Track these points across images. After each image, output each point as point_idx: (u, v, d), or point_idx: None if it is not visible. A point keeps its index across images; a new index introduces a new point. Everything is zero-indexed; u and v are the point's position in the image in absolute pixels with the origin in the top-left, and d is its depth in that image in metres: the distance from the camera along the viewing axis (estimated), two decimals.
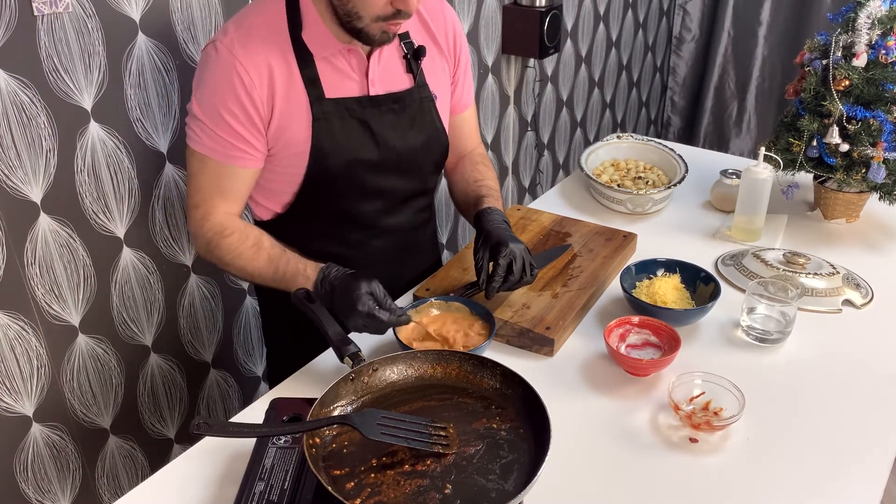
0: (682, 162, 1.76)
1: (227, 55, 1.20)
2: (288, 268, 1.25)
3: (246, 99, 1.21)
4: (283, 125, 1.25)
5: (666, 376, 1.20)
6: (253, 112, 1.22)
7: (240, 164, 1.26)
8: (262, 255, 1.27)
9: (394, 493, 0.91)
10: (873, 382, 1.22)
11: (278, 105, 1.24)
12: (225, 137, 1.23)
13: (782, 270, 1.44)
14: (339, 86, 1.28)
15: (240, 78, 1.20)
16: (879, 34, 1.51)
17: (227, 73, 1.20)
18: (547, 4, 2.54)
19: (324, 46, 1.25)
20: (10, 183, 1.37)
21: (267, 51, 1.22)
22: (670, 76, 3.98)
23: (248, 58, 1.21)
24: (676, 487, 1.03)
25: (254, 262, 1.27)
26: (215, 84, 1.22)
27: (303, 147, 1.27)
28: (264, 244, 1.28)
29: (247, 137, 1.24)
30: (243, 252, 1.27)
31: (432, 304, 1.30)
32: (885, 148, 1.49)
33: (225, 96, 1.21)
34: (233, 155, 1.25)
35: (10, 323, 1.44)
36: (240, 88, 1.21)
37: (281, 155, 1.28)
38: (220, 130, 1.23)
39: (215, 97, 1.22)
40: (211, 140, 1.24)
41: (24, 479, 1.53)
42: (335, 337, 1.12)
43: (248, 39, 1.22)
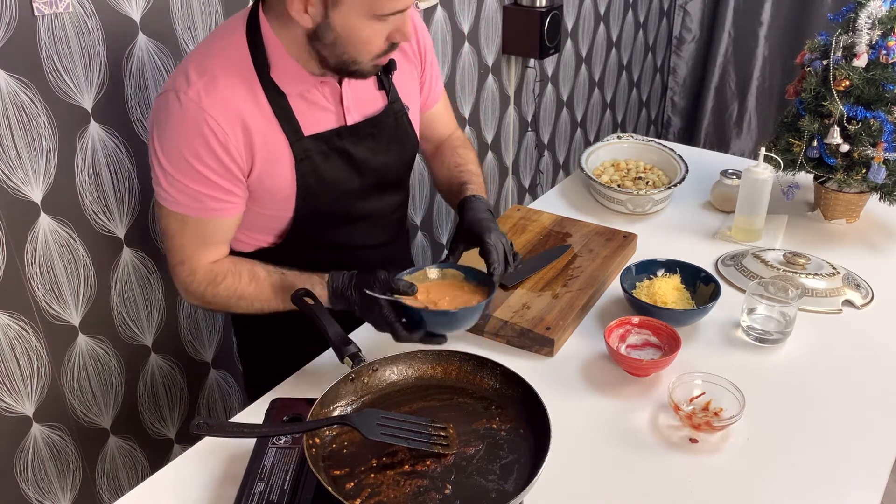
0: (682, 162, 1.76)
1: (195, 108, 1.11)
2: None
3: (221, 151, 1.13)
4: (266, 172, 1.19)
5: (666, 376, 1.20)
6: (230, 163, 1.15)
7: (222, 216, 1.20)
8: (263, 287, 1.22)
9: (394, 494, 0.91)
10: (873, 382, 1.22)
11: (258, 153, 1.17)
12: (203, 191, 1.16)
13: (782, 271, 1.44)
14: (315, 121, 1.22)
15: (212, 131, 1.11)
16: (880, 34, 1.51)
17: (197, 128, 1.11)
18: (547, 4, 2.54)
19: (296, 83, 1.18)
20: (10, 183, 1.37)
21: (236, 96, 1.13)
22: (671, 76, 3.98)
23: (218, 108, 1.12)
24: (676, 487, 1.03)
25: (260, 296, 1.23)
26: (185, 139, 1.12)
27: (289, 190, 1.22)
28: (260, 276, 1.23)
29: (226, 187, 1.17)
30: (244, 291, 1.22)
31: (434, 271, 1.24)
32: (886, 148, 1.49)
33: (198, 150, 1.12)
34: (213, 207, 1.18)
35: (10, 323, 1.44)
36: (213, 142, 1.12)
37: (265, 200, 1.23)
38: (197, 185, 1.15)
39: (186, 152, 1.13)
40: (187, 197, 1.16)
41: (24, 479, 1.53)
42: (335, 337, 1.12)
43: (214, 86, 1.12)
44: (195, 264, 1.23)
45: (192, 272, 1.23)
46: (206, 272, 1.23)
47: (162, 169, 1.16)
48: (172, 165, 1.14)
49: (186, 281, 1.24)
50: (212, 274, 1.23)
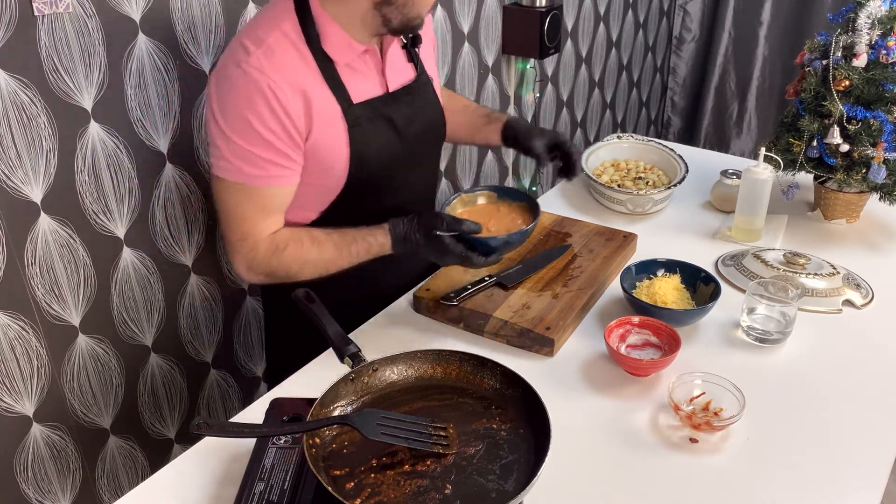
0: (682, 162, 1.76)
1: (257, 74, 1.16)
2: (360, 245, 1.26)
3: (283, 115, 1.18)
4: (321, 139, 1.24)
5: (666, 376, 1.20)
6: (291, 128, 1.20)
7: (282, 183, 1.24)
8: (326, 247, 1.27)
9: (394, 494, 0.91)
10: (873, 382, 1.22)
11: (315, 119, 1.22)
12: (265, 157, 1.20)
13: (782, 271, 1.44)
14: (362, 88, 1.28)
15: (274, 95, 1.17)
16: (879, 34, 1.51)
17: (260, 92, 1.17)
18: (547, 4, 2.54)
19: (345, 53, 1.25)
20: (10, 183, 1.37)
21: (293, 64, 1.20)
22: (670, 76, 3.98)
23: (279, 74, 1.17)
24: (676, 487, 1.03)
25: (324, 256, 1.27)
26: (250, 104, 1.17)
27: (342, 156, 1.26)
28: (320, 238, 1.28)
29: (286, 153, 1.21)
30: (307, 254, 1.26)
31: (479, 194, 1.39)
32: (886, 148, 1.49)
33: (262, 114, 1.17)
34: (274, 174, 1.22)
35: (10, 323, 1.44)
36: (276, 105, 1.17)
37: (318, 168, 1.27)
38: (260, 150, 1.19)
39: (251, 116, 1.17)
40: (250, 165, 1.20)
41: (24, 479, 1.53)
42: (335, 337, 1.12)
43: (273, 56, 1.18)
44: (257, 236, 1.26)
45: (254, 245, 1.26)
46: (268, 243, 1.26)
47: (226, 139, 1.20)
48: (237, 133, 1.19)
49: (249, 256, 1.27)
50: (273, 244, 1.26)
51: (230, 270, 1.86)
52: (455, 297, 1.34)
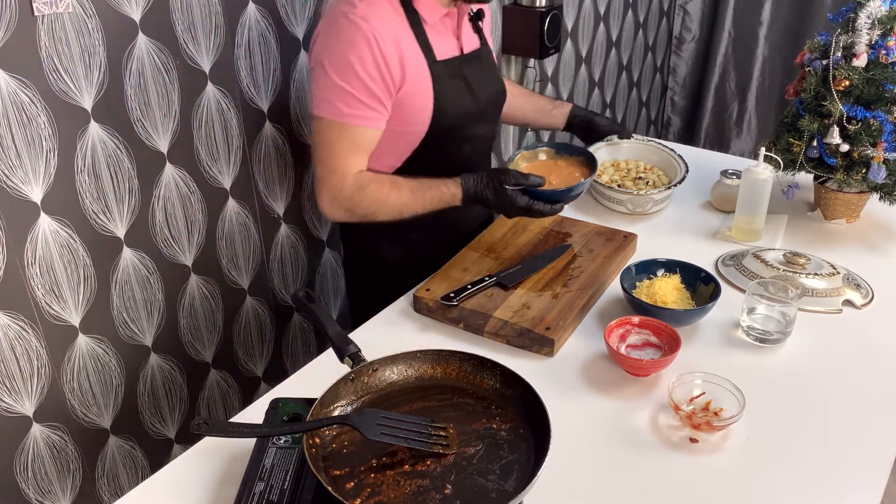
0: (682, 162, 1.76)
1: (363, 24, 1.32)
2: (433, 193, 1.42)
3: (382, 63, 1.33)
4: (410, 89, 1.39)
5: (666, 376, 1.20)
6: (387, 75, 1.34)
7: (371, 126, 1.39)
8: (403, 191, 1.42)
9: (394, 494, 0.91)
10: (873, 382, 1.22)
11: (408, 70, 1.37)
12: (362, 100, 1.35)
13: (782, 271, 1.44)
14: (443, 48, 1.45)
15: (377, 44, 1.32)
16: (879, 34, 1.51)
17: (365, 40, 1.32)
18: (547, 4, 2.54)
19: (432, 13, 1.41)
20: (10, 183, 1.37)
21: (392, 20, 1.36)
22: (670, 76, 3.98)
23: (381, 26, 1.33)
24: (676, 487, 1.03)
25: (400, 199, 1.42)
26: (355, 50, 1.32)
27: (427, 107, 1.42)
28: (399, 182, 1.43)
29: (380, 98, 1.36)
30: (387, 195, 1.41)
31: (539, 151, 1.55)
32: (886, 148, 1.49)
33: (364, 60, 1.32)
34: (368, 116, 1.37)
35: (10, 323, 1.44)
36: (377, 53, 1.32)
37: (406, 116, 1.41)
38: (359, 93, 1.34)
39: (354, 61, 1.32)
40: (348, 106, 1.35)
41: (24, 479, 1.53)
42: (335, 337, 1.11)
43: (375, 10, 1.34)
44: (346, 171, 1.41)
45: (341, 179, 1.41)
46: (354, 180, 1.41)
47: (328, 80, 1.35)
48: (338, 75, 1.34)
49: (336, 189, 1.41)
50: (358, 181, 1.41)
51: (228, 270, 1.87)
52: (455, 297, 1.34)
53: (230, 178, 1.78)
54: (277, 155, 1.88)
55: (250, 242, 1.90)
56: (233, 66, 1.70)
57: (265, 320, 2.01)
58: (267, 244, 1.95)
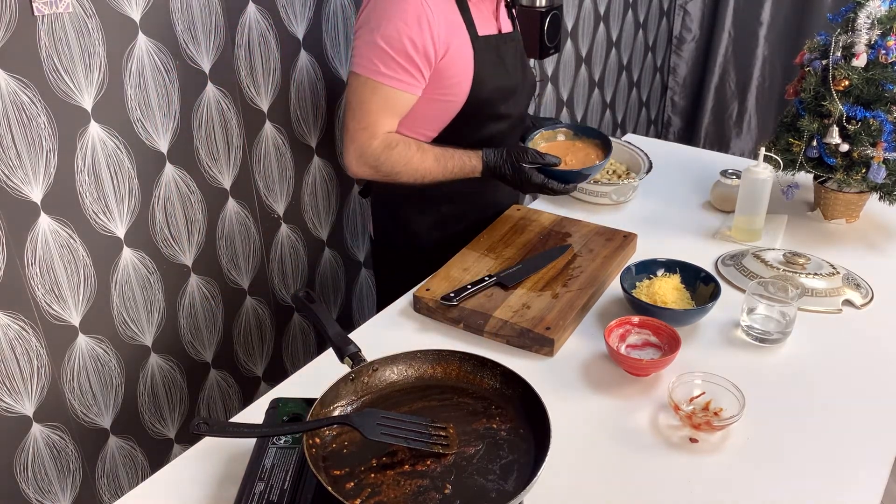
0: (642, 154, 1.81)
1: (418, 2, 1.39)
2: (455, 162, 1.49)
3: (428, 36, 1.40)
4: (452, 59, 1.45)
5: (666, 376, 1.20)
6: (431, 48, 1.41)
7: (406, 90, 1.44)
8: (428, 156, 1.49)
9: (394, 493, 0.91)
10: (873, 382, 1.22)
11: (452, 41, 1.44)
12: (402, 66, 1.41)
13: (782, 270, 1.44)
14: (484, 25, 1.53)
15: (427, 18, 1.39)
16: (879, 34, 1.51)
17: (416, 13, 1.39)
18: (547, 4, 2.54)
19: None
20: (10, 183, 1.37)
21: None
22: (670, 76, 3.98)
23: (432, 3, 1.41)
24: (676, 487, 1.03)
25: (424, 163, 1.48)
26: (403, 17, 1.39)
27: (466, 76, 1.48)
28: (425, 147, 1.50)
29: (420, 66, 1.42)
30: (412, 157, 1.47)
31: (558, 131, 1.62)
32: (885, 148, 1.49)
33: (412, 32, 1.39)
34: (404, 81, 1.43)
35: (10, 323, 1.44)
36: (425, 27, 1.40)
37: (448, 85, 1.47)
38: (401, 59, 1.40)
39: (401, 28, 1.39)
40: (388, 69, 1.41)
41: (24, 479, 1.53)
42: (335, 337, 1.11)
43: None
44: (376, 129, 1.46)
45: (372, 136, 1.46)
46: (383, 138, 1.47)
47: (372, 40, 1.41)
48: (383, 39, 1.40)
49: (364, 145, 1.47)
50: (387, 140, 1.47)
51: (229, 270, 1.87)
52: (455, 297, 1.34)
53: (230, 178, 1.78)
54: (277, 155, 1.88)
55: (250, 242, 1.90)
56: (233, 66, 1.70)
57: (265, 320, 2.01)
58: (267, 244, 1.95)
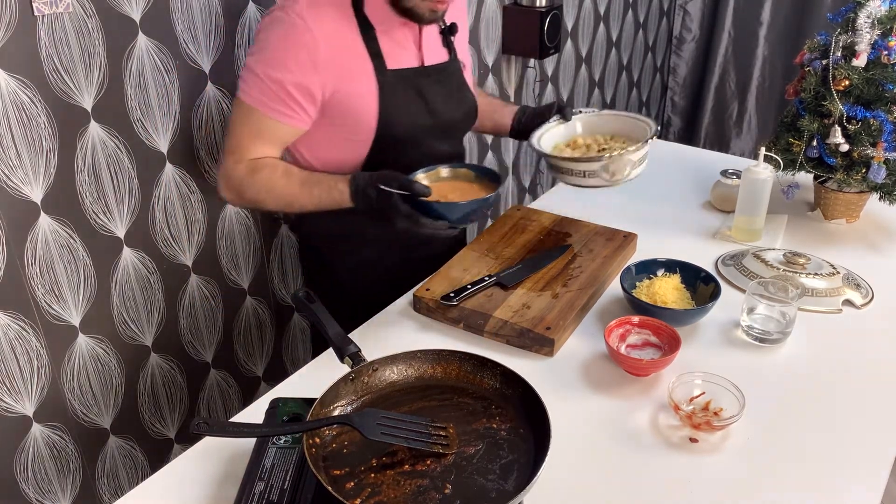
0: (646, 120, 1.50)
1: (299, 22, 1.27)
2: (321, 188, 1.33)
3: (310, 66, 1.28)
4: (349, 93, 1.33)
5: (666, 376, 1.20)
6: (314, 79, 1.29)
7: (283, 121, 1.33)
8: (293, 181, 1.34)
9: (394, 493, 0.91)
10: (873, 382, 1.22)
11: (344, 76, 1.32)
12: (277, 95, 1.30)
13: (782, 270, 1.44)
14: (398, 57, 1.38)
15: (305, 45, 1.27)
16: (879, 34, 1.51)
17: (294, 39, 1.27)
18: (547, 5, 2.54)
19: (383, 20, 1.34)
20: (10, 183, 1.37)
21: (336, 23, 1.31)
22: (670, 76, 3.98)
23: (319, 27, 1.28)
24: (676, 487, 1.03)
25: (289, 190, 1.34)
26: (282, 46, 1.28)
27: (371, 115, 1.36)
28: (293, 171, 1.36)
29: (299, 101, 1.31)
30: (276, 184, 1.34)
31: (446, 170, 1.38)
32: (886, 148, 1.49)
33: (289, 60, 1.28)
34: (280, 111, 1.32)
35: (10, 323, 1.44)
36: (305, 55, 1.28)
37: (348, 122, 1.36)
38: (275, 88, 1.29)
39: (279, 58, 1.28)
40: (262, 94, 1.31)
41: (24, 479, 1.53)
42: (335, 337, 1.11)
43: (320, 11, 1.29)
44: (243, 154, 1.36)
45: (238, 160, 1.36)
46: (249, 163, 1.36)
47: (253, 71, 1.31)
48: (262, 65, 1.30)
49: (230, 167, 1.37)
50: (252, 165, 1.36)
51: (229, 270, 1.87)
52: (455, 297, 1.34)
53: None
54: None
55: (250, 242, 1.90)
56: (233, 66, 1.70)
57: (265, 320, 2.01)
58: (267, 244, 1.95)
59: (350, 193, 1.30)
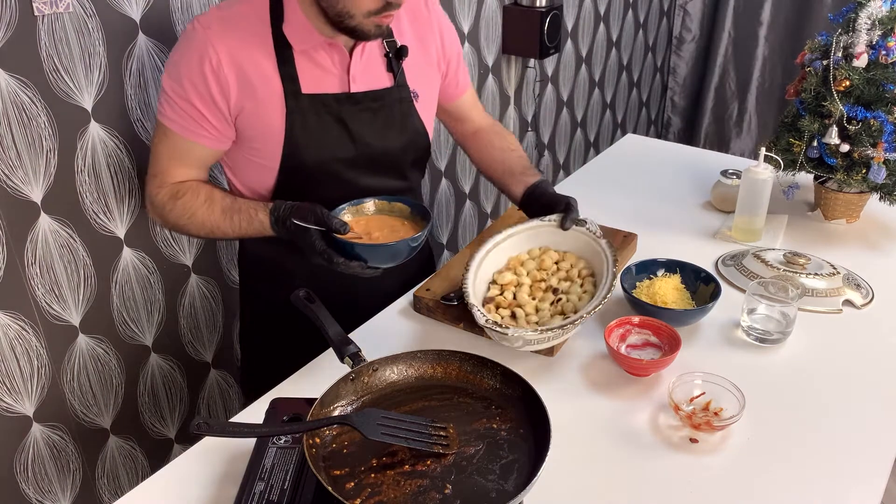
0: (608, 252, 1.29)
1: (203, 34, 1.21)
2: (242, 216, 1.27)
3: (212, 79, 1.22)
4: (256, 115, 1.26)
5: (666, 376, 1.20)
6: (217, 94, 1.23)
7: (199, 141, 1.28)
8: (215, 208, 1.28)
9: (394, 493, 0.91)
10: (873, 382, 1.22)
11: (250, 96, 1.24)
12: (187, 112, 1.25)
13: (783, 271, 1.44)
14: (318, 81, 1.28)
15: (209, 61, 1.21)
16: (880, 35, 1.51)
17: (198, 55, 1.21)
18: (547, 4, 2.54)
19: (303, 40, 1.25)
20: (10, 183, 1.37)
21: (244, 39, 1.23)
22: (671, 76, 3.98)
23: (222, 42, 1.21)
24: (676, 487, 1.03)
25: (210, 217, 1.28)
26: (186, 62, 1.23)
27: (276, 139, 1.27)
28: (216, 197, 1.29)
29: (207, 117, 1.25)
30: (197, 209, 1.28)
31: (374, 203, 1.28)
32: (886, 148, 1.49)
33: (192, 74, 1.22)
34: (192, 130, 1.26)
35: (11, 323, 1.44)
36: (207, 70, 1.21)
37: (255, 145, 1.29)
38: (183, 105, 1.24)
39: (182, 72, 1.23)
40: (174, 112, 1.26)
41: (24, 479, 1.53)
42: (335, 337, 1.12)
43: (228, 24, 1.23)
44: (165, 178, 1.31)
45: (160, 185, 1.31)
46: (172, 187, 1.31)
47: (163, 87, 1.27)
48: (171, 80, 1.25)
49: (153, 192, 1.32)
50: (175, 189, 1.30)
51: (229, 270, 1.87)
52: (455, 297, 1.34)
53: None
54: None
55: None
56: None
57: None
58: None
59: (269, 223, 1.24)
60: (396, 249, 1.17)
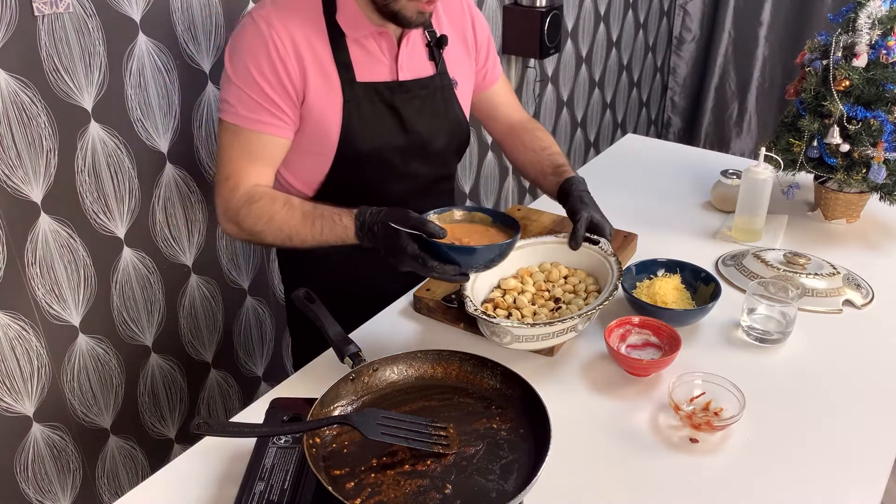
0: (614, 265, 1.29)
1: (264, 25, 1.24)
2: (324, 221, 1.22)
3: (279, 65, 1.24)
4: (315, 104, 1.28)
5: (666, 376, 1.20)
6: (285, 78, 1.25)
7: (271, 132, 1.28)
8: (295, 213, 1.25)
9: (394, 493, 0.91)
10: (873, 382, 1.22)
11: (311, 83, 1.27)
12: (258, 103, 1.25)
13: (783, 271, 1.44)
14: (369, 69, 1.31)
15: (274, 45, 1.23)
16: (880, 34, 1.51)
17: (262, 41, 1.24)
18: (547, 5, 2.54)
19: (356, 28, 1.28)
20: (10, 183, 1.37)
21: (302, 27, 1.26)
22: (671, 76, 3.98)
23: (283, 29, 1.24)
24: (676, 487, 1.03)
25: (289, 222, 1.25)
26: (251, 50, 1.24)
27: (333, 128, 1.30)
28: (294, 203, 1.26)
29: (278, 103, 1.26)
30: (275, 214, 1.25)
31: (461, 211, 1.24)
32: (886, 148, 1.49)
33: (259, 61, 1.24)
34: (265, 122, 1.26)
35: (11, 323, 1.44)
36: (273, 54, 1.24)
37: (311, 134, 1.31)
38: (254, 94, 1.25)
39: (249, 62, 1.24)
40: (244, 108, 1.26)
41: (24, 479, 1.53)
42: (335, 337, 1.12)
43: (284, 14, 1.25)
44: (239, 180, 1.28)
45: (234, 187, 1.28)
46: (247, 191, 1.28)
47: (229, 81, 1.27)
48: (237, 76, 1.25)
49: (227, 196, 1.29)
50: (250, 193, 1.28)
51: (229, 270, 1.87)
52: (455, 297, 1.34)
53: None
54: None
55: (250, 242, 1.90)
56: None
57: (265, 320, 2.01)
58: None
59: (355, 229, 1.19)
60: (494, 252, 1.14)
